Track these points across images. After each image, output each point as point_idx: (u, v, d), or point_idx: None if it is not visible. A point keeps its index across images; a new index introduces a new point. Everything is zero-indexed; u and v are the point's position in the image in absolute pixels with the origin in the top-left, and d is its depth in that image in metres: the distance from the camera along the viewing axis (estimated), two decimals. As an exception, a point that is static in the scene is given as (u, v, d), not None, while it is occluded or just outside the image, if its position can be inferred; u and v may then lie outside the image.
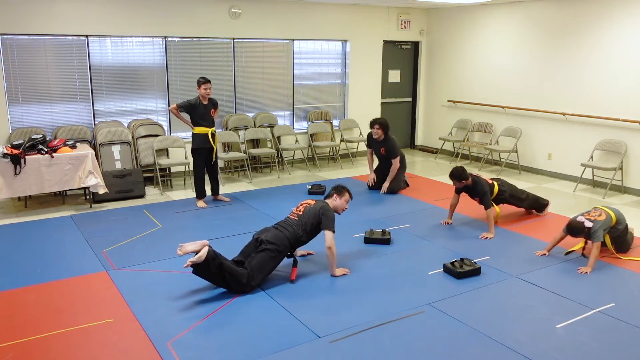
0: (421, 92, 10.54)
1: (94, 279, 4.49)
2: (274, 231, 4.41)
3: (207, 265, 4.00)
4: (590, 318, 3.91)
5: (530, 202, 6.20)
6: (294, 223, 4.48)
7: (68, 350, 3.45)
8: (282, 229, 4.42)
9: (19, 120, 7.09)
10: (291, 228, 4.44)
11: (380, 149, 7.27)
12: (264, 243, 4.30)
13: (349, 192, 4.71)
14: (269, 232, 4.41)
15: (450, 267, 4.60)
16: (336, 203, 4.65)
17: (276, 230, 4.41)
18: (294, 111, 9.25)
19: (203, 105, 6.42)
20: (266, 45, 8.74)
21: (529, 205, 6.23)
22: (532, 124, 8.53)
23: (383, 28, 9.76)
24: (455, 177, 5.65)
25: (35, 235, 5.53)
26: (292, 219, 4.54)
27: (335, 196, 4.66)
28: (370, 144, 7.48)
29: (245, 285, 4.17)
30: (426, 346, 3.52)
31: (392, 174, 7.19)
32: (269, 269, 4.34)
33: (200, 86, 6.34)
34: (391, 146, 7.19)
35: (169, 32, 7.80)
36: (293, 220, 4.52)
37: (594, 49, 7.57)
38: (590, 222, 4.72)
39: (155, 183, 7.48)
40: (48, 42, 7.11)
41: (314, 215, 4.48)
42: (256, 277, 4.22)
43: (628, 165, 7.36)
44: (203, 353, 3.42)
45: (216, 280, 4.15)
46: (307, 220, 4.47)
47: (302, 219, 4.50)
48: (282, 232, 4.39)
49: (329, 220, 4.46)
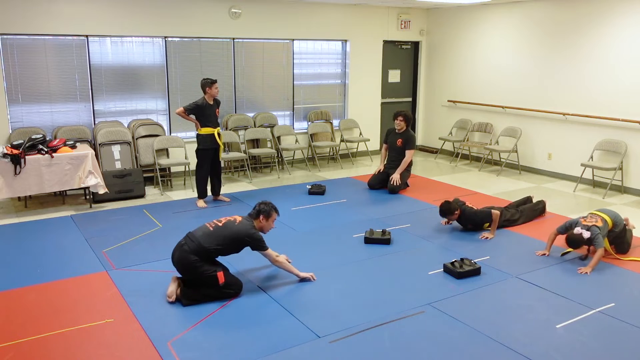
0: (421, 92, 10.54)
1: (94, 279, 4.49)
2: (180, 252, 4.13)
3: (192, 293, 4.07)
4: (590, 318, 3.91)
5: (525, 218, 6.03)
6: (207, 233, 4.15)
7: (68, 350, 3.45)
8: (189, 243, 4.12)
9: (19, 120, 7.09)
10: (197, 241, 4.10)
11: (398, 140, 7.38)
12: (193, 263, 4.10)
13: (276, 211, 4.40)
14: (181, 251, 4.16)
15: (450, 267, 4.60)
16: (262, 224, 4.31)
17: (182, 249, 4.12)
18: (294, 111, 9.25)
19: (209, 105, 6.44)
20: (266, 45, 8.74)
21: (525, 221, 6.02)
22: (532, 124, 8.53)
23: (383, 28, 9.76)
24: (445, 212, 5.60)
25: (35, 235, 5.53)
26: (205, 230, 4.19)
27: (262, 218, 4.29)
28: (387, 139, 7.60)
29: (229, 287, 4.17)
30: (426, 346, 3.52)
31: (403, 165, 7.29)
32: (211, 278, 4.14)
33: (212, 87, 6.36)
34: (409, 137, 7.37)
35: (169, 32, 7.80)
36: (205, 230, 4.18)
37: (594, 48, 7.57)
38: (587, 232, 4.72)
39: (155, 183, 7.48)
40: (48, 42, 7.11)
41: (236, 237, 4.14)
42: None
43: (628, 165, 7.35)
44: (203, 353, 3.42)
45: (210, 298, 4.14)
46: (226, 235, 4.14)
47: (217, 231, 4.16)
48: (185, 251, 4.10)
49: (259, 242, 4.20)
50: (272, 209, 4.35)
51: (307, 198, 6.94)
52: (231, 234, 4.15)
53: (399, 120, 7.35)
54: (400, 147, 7.37)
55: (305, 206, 6.58)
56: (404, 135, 7.38)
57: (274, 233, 5.60)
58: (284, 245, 5.30)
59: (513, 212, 5.99)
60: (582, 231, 4.73)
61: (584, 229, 4.73)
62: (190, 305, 4.03)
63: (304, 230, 5.72)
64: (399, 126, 7.37)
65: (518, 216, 5.98)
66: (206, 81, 6.38)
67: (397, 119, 7.37)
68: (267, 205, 4.34)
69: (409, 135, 7.40)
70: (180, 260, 4.11)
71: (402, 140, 7.36)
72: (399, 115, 7.38)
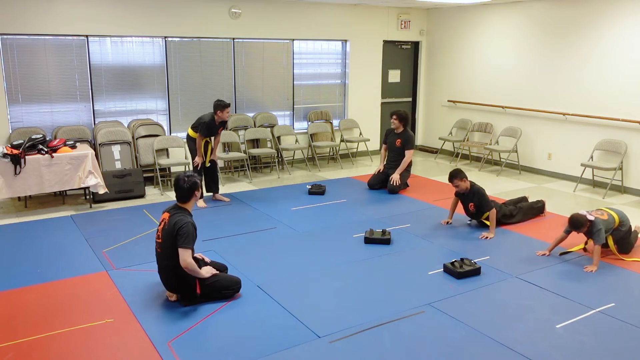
0: (421, 92, 10.54)
1: (94, 279, 4.49)
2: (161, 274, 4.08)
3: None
4: (590, 318, 3.91)
5: (522, 214, 6.03)
6: (160, 256, 4.00)
7: (68, 350, 3.44)
8: (161, 271, 4.05)
9: (19, 120, 7.09)
10: (163, 265, 4.00)
11: (397, 140, 7.40)
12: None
13: (226, 105, 3.95)
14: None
15: (450, 267, 4.60)
16: (198, 196, 4.08)
17: (162, 273, 4.06)
18: (294, 111, 9.25)
19: (216, 125, 6.49)
20: (266, 45, 8.74)
21: (522, 218, 6.03)
22: (532, 124, 8.53)
23: (383, 28, 9.76)
24: (455, 175, 5.64)
25: (35, 235, 5.53)
26: (159, 255, 4.03)
27: (195, 193, 4.03)
28: (386, 139, 7.60)
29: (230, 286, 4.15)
30: (426, 346, 3.52)
31: (403, 165, 7.29)
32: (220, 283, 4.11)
33: (223, 111, 6.38)
34: (408, 137, 7.39)
35: (169, 32, 7.80)
36: (160, 255, 4.01)
37: (594, 48, 7.57)
38: (591, 216, 4.73)
39: (155, 183, 7.48)
40: (48, 42, 7.11)
41: (170, 237, 3.87)
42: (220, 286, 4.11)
43: (628, 165, 7.35)
44: (203, 353, 3.42)
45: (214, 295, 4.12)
46: (170, 245, 3.88)
47: (164, 246, 3.92)
48: (165, 276, 4.03)
49: (183, 235, 3.82)
50: (195, 177, 4.03)
51: (307, 198, 6.94)
52: (169, 234, 3.89)
53: (393, 120, 7.39)
54: (399, 148, 7.38)
55: (305, 206, 6.59)
56: (403, 135, 7.39)
57: (275, 234, 5.62)
58: (284, 245, 5.31)
59: (512, 209, 6.01)
60: (586, 213, 4.76)
61: (588, 214, 4.76)
62: (190, 305, 4.02)
63: (304, 230, 5.72)
64: (394, 126, 7.40)
65: (516, 212, 6.00)
66: (219, 104, 6.40)
67: (391, 119, 7.43)
68: (190, 178, 4.00)
69: (408, 135, 7.41)
70: (165, 282, 4.10)
71: (401, 141, 7.38)
72: (394, 114, 7.42)
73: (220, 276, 4.13)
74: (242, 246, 5.23)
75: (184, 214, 3.98)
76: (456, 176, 5.66)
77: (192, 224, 3.93)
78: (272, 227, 5.82)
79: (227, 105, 6.41)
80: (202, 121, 6.44)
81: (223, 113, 6.40)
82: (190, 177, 4.03)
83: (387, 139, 7.58)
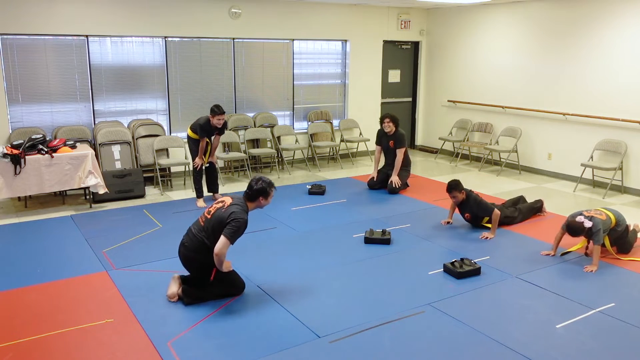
0: (421, 92, 10.53)
1: (94, 279, 4.49)
2: (182, 250, 4.12)
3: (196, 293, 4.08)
4: (590, 318, 3.91)
5: (524, 216, 6.06)
6: (199, 228, 4.07)
7: (68, 350, 3.45)
8: (188, 241, 4.09)
9: (19, 120, 7.09)
10: (195, 239, 4.04)
11: (390, 142, 7.39)
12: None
13: (273, 186, 4.15)
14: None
15: (450, 267, 4.60)
16: (260, 204, 4.16)
17: (184, 247, 4.11)
18: (294, 111, 9.25)
19: (211, 128, 6.44)
20: (266, 45, 8.74)
21: (523, 219, 6.06)
22: (532, 124, 8.53)
23: (383, 28, 9.76)
24: (453, 187, 5.62)
25: (35, 235, 5.53)
26: (198, 226, 4.10)
27: (261, 199, 4.11)
28: (379, 141, 7.57)
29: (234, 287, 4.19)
30: (426, 346, 3.52)
31: (397, 165, 7.28)
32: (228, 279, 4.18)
33: (214, 117, 6.28)
34: (399, 137, 7.37)
35: (169, 32, 7.80)
36: (197, 225, 4.10)
37: (594, 48, 7.57)
38: (589, 222, 4.71)
39: (155, 183, 7.48)
40: (48, 42, 7.11)
41: (219, 221, 3.95)
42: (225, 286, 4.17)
43: (628, 165, 7.36)
44: (203, 353, 3.42)
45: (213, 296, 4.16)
46: (215, 227, 3.97)
47: (207, 223, 4.03)
48: (187, 249, 4.08)
49: (234, 228, 3.89)
50: (269, 186, 4.10)
51: (307, 198, 6.94)
52: (220, 218, 3.97)
53: (386, 123, 7.31)
54: (393, 148, 7.37)
55: (305, 206, 6.59)
56: (394, 136, 7.37)
57: (275, 234, 5.63)
58: (284, 245, 5.31)
59: (512, 210, 6.01)
60: (583, 220, 4.72)
61: (586, 219, 4.73)
62: (191, 305, 4.03)
63: (304, 230, 5.72)
64: (388, 129, 7.34)
65: (517, 214, 6.00)
66: (211, 109, 6.33)
67: (384, 122, 7.33)
68: (264, 183, 4.07)
69: (398, 134, 7.38)
70: (183, 258, 4.13)
71: (394, 141, 7.37)
72: (386, 117, 7.35)
73: (234, 274, 4.21)
74: (242, 246, 5.22)
75: (243, 209, 4.04)
76: (455, 188, 5.63)
77: (246, 222, 4.01)
78: (272, 227, 5.82)
79: (218, 113, 6.25)
80: (198, 122, 6.44)
81: (213, 119, 6.29)
82: (264, 182, 4.10)
83: (381, 141, 7.55)
